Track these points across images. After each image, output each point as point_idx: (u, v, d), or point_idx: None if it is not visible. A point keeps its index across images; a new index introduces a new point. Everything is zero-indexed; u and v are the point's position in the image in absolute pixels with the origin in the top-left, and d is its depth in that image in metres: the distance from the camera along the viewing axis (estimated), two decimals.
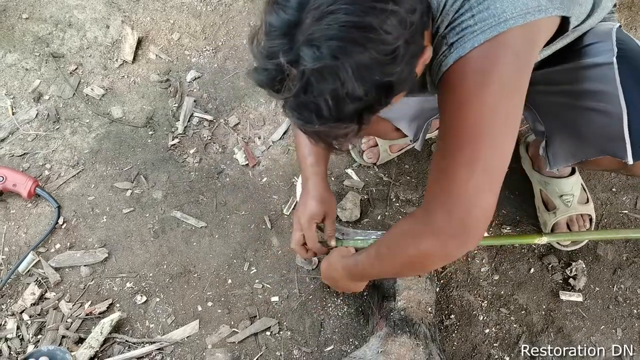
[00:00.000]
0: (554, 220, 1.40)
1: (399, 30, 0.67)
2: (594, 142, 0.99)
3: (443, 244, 0.82)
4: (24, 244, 1.49)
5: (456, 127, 0.79)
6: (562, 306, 1.39)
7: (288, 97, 0.68)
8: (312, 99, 0.66)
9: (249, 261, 1.46)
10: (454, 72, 0.78)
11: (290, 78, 0.66)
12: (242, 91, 1.69)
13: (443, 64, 0.80)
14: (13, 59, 1.73)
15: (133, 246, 1.48)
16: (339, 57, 0.64)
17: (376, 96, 0.69)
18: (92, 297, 1.42)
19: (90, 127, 1.64)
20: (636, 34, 1.70)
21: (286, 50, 0.66)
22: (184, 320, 1.40)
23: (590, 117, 0.97)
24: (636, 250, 1.44)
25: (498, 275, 1.43)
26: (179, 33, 1.77)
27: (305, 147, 1.20)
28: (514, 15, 0.74)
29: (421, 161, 1.57)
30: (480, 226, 0.80)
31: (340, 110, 0.67)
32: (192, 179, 1.57)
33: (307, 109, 0.68)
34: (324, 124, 0.69)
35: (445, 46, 0.79)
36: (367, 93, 0.67)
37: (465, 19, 0.76)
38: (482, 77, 0.76)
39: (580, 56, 1.02)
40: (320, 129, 0.71)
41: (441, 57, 0.80)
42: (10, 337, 1.37)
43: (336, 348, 1.36)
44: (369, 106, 0.70)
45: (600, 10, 1.00)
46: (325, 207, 1.20)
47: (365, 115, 0.71)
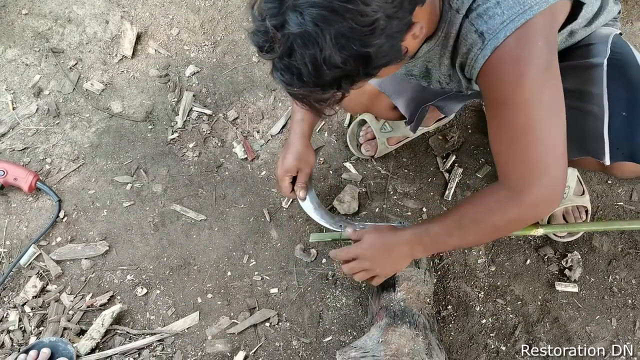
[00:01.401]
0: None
1: (380, 4, 0.69)
2: (576, 142, 1.01)
3: (534, 210, 0.92)
4: (25, 238, 1.50)
5: (513, 113, 0.85)
6: (558, 297, 1.40)
7: (273, 59, 0.72)
8: (295, 63, 0.70)
9: (248, 253, 1.48)
10: (492, 62, 0.83)
11: (276, 41, 0.70)
12: (240, 86, 1.70)
13: (480, 56, 0.84)
14: (13, 54, 1.74)
15: (133, 239, 1.50)
16: (319, 24, 0.68)
17: (354, 66, 0.72)
18: (93, 290, 1.44)
19: (90, 122, 1.66)
20: (632, 28, 1.72)
21: (274, 14, 0.69)
22: (184, 312, 1.41)
23: (574, 116, 1.00)
24: (631, 241, 1.46)
25: (494, 266, 1.44)
26: (177, 28, 1.78)
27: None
28: (538, 1, 0.80)
29: (418, 154, 1.59)
30: (562, 188, 0.90)
31: (319, 76, 0.71)
32: (192, 172, 1.58)
33: (289, 72, 0.72)
34: (304, 87, 0.74)
35: (475, 34, 0.83)
36: (345, 62, 0.70)
37: (491, 5, 0.81)
38: (523, 63, 0.81)
39: (574, 56, 1.04)
40: (302, 92, 0.75)
41: (476, 50, 0.84)
42: (13, 329, 1.38)
43: (335, 339, 1.37)
44: (348, 75, 0.73)
45: (606, 14, 1.05)
46: (300, 163, 1.27)
47: (344, 83, 0.74)
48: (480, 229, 0.98)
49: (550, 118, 0.86)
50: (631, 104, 0.98)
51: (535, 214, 0.94)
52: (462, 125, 1.61)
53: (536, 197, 0.89)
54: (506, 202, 0.92)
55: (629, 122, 0.97)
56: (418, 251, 1.08)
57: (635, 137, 0.97)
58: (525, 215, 0.93)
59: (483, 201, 0.97)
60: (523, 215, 0.93)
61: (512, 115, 0.86)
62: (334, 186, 1.55)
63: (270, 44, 0.71)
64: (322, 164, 1.59)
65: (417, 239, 1.06)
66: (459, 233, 1.01)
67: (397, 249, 1.09)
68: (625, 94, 0.98)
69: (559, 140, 0.87)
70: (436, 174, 1.56)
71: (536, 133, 0.85)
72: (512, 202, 0.92)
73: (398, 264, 1.14)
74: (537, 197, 0.89)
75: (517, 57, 0.82)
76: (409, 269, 1.29)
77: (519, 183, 0.90)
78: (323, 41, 0.68)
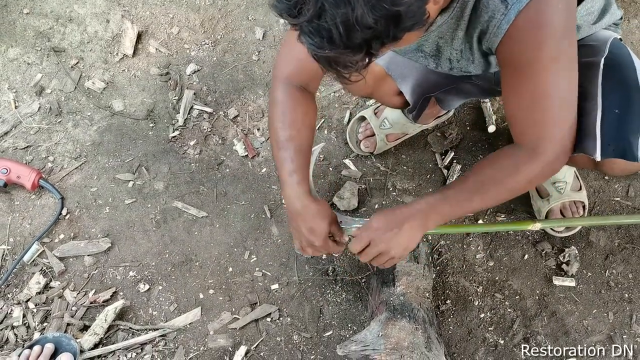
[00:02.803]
0: (548, 207, 1.43)
1: None
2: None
3: (551, 167, 0.99)
4: (28, 235, 1.52)
5: (535, 76, 0.90)
6: (556, 291, 1.42)
7: (302, 22, 0.71)
8: (324, 24, 0.70)
9: (249, 250, 1.49)
10: (516, 26, 0.85)
11: (305, 3, 0.69)
12: (241, 84, 1.72)
13: (504, 21, 0.86)
14: (15, 53, 1.75)
15: (135, 236, 1.51)
16: None
17: (385, 26, 0.71)
18: (96, 286, 1.45)
19: (92, 120, 1.67)
20: (628, 25, 1.73)
21: None
22: (186, 307, 1.43)
23: None
24: (628, 236, 1.47)
25: (493, 261, 1.46)
26: (178, 27, 1.79)
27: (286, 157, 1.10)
28: None
29: (417, 151, 1.60)
30: (571, 146, 0.99)
31: (350, 37, 0.71)
32: (193, 170, 1.60)
33: (319, 35, 0.71)
34: (334, 49, 0.72)
35: (499, 2, 0.86)
36: (376, 21, 0.70)
37: None
38: (545, 27, 0.85)
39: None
40: (330, 55, 0.74)
41: (499, 16, 0.86)
42: (17, 325, 1.40)
43: (335, 333, 1.39)
44: (378, 36, 0.73)
45: (610, 15, 1.08)
46: (328, 219, 1.12)
47: (374, 44, 0.74)
48: (501, 191, 1.02)
49: (568, 81, 0.91)
50: (624, 102, 1.00)
51: (552, 170, 1.01)
52: (460, 123, 1.63)
53: (553, 154, 0.97)
54: (526, 162, 0.98)
55: (621, 119, 0.99)
56: (433, 221, 1.05)
57: (626, 135, 0.98)
58: (544, 172, 1.00)
59: (502, 163, 1.01)
60: (542, 173, 1.00)
61: (534, 78, 0.90)
62: (333, 183, 1.57)
63: (300, 6, 0.70)
64: (322, 161, 1.60)
65: (433, 208, 1.04)
66: (480, 197, 1.03)
67: (408, 223, 1.04)
68: (619, 93, 1.00)
69: (573, 99, 0.94)
70: (435, 171, 1.58)
71: (556, 95, 0.92)
72: (532, 161, 0.97)
73: (410, 239, 1.06)
74: (554, 154, 0.97)
75: (540, 21, 0.84)
76: (408, 264, 1.31)
77: (539, 143, 0.96)
78: (355, 0, 0.67)
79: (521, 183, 1.01)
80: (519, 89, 0.94)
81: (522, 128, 0.98)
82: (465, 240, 1.48)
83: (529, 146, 0.97)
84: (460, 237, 1.48)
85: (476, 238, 1.48)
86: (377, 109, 1.58)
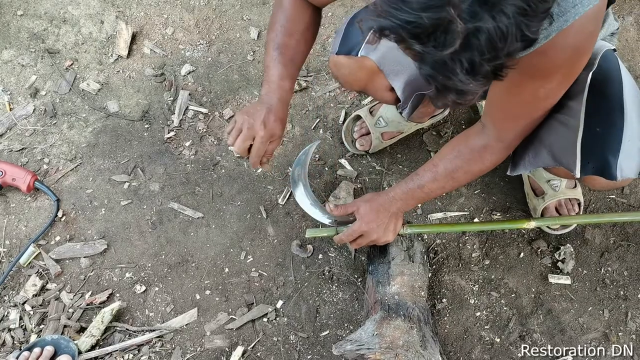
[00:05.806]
0: (543, 205, 1.43)
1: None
2: (551, 151, 1.03)
3: (503, 154, 1.10)
4: (24, 237, 1.52)
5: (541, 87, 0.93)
6: (551, 289, 1.42)
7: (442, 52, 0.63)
8: (469, 56, 0.63)
9: (246, 250, 1.49)
10: (552, 43, 0.83)
11: (451, 32, 0.61)
12: (236, 84, 1.71)
13: (542, 37, 0.82)
14: (9, 55, 1.75)
15: (131, 237, 1.51)
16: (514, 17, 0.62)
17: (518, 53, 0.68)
18: (92, 288, 1.46)
19: (87, 122, 1.67)
20: (623, 22, 1.73)
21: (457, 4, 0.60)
22: (182, 308, 1.43)
23: (552, 126, 1.02)
24: (623, 234, 1.48)
25: (489, 260, 1.46)
26: (172, 27, 1.79)
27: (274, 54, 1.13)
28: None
29: (413, 150, 1.60)
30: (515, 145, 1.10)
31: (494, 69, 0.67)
32: (188, 170, 1.60)
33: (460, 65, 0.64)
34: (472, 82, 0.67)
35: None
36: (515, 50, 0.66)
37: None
38: (578, 51, 0.86)
39: None
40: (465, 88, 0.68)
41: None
42: (14, 327, 1.40)
43: (332, 333, 1.39)
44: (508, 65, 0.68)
45: (607, 26, 1.08)
46: (280, 132, 1.16)
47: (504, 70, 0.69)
48: (468, 177, 1.15)
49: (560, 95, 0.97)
50: (606, 121, 0.98)
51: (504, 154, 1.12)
52: (455, 122, 1.63)
53: (511, 150, 1.10)
54: (495, 152, 1.09)
55: (602, 138, 0.98)
56: (410, 206, 1.24)
57: (605, 154, 0.97)
58: (498, 162, 1.12)
59: (471, 152, 1.11)
60: (498, 163, 1.12)
61: (540, 88, 0.93)
62: (329, 182, 1.57)
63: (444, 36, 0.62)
64: (317, 161, 1.60)
65: (411, 195, 1.19)
66: (450, 184, 1.16)
67: (392, 211, 1.22)
68: (602, 111, 0.99)
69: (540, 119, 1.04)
70: None
71: (548, 104, 0.98)
72: (500, 151, 1.09)
73: (396, 225, 1.26)
74: (511, 150, 1.10)
75: (576, 45, 0.84)
76: (403, 262, 1.31)
77: (509, 136, 1.05)
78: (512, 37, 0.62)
79: (484, 171, 1.14)
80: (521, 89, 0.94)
81: (505, 120, 1.04)
82: (460, 238, 1.49)
83: (503, 138, 1.06)
84: (455, 235, 1.49)
85: (472, 237, 1.49)
86: (373, 107, 1.58)
